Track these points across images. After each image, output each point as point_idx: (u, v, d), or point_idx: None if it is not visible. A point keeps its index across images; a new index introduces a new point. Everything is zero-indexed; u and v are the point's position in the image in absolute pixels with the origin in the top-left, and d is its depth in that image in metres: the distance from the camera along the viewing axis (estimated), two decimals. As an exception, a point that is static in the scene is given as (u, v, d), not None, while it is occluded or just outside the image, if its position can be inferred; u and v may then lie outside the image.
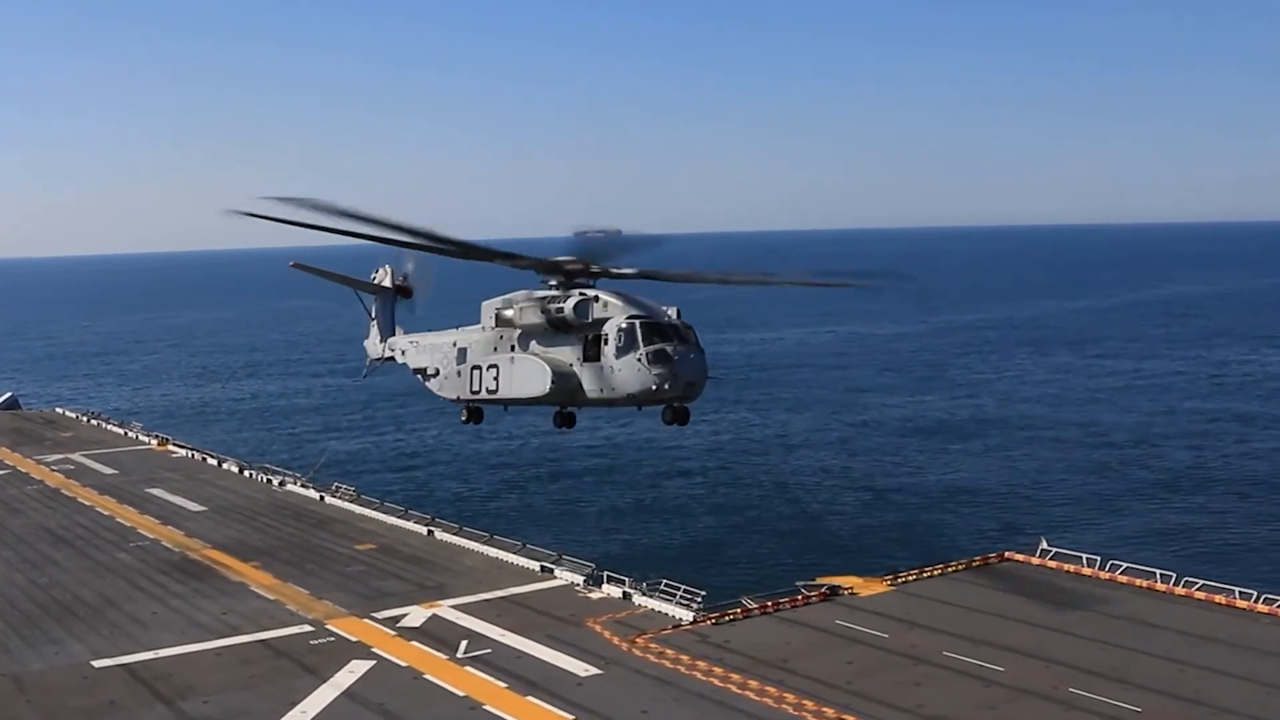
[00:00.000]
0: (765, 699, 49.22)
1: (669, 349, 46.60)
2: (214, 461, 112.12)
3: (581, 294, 49.90)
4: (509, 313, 53.14)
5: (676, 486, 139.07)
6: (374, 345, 68.00)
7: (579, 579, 67.75)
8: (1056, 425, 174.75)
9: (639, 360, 46.51)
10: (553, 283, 52.38)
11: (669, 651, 55.27)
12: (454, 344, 58.55)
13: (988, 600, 63.57)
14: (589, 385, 49.34)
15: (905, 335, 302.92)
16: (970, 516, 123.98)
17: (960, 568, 70.11)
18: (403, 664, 54.62)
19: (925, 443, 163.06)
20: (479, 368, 55.00)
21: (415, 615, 62.11)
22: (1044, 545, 71.63)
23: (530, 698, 49.99)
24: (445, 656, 55.51)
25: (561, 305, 49.70)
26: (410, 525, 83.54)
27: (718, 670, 52.65)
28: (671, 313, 49.81)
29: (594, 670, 53.19)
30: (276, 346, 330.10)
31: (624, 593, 64.62)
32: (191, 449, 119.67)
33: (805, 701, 48.68)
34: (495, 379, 53.80)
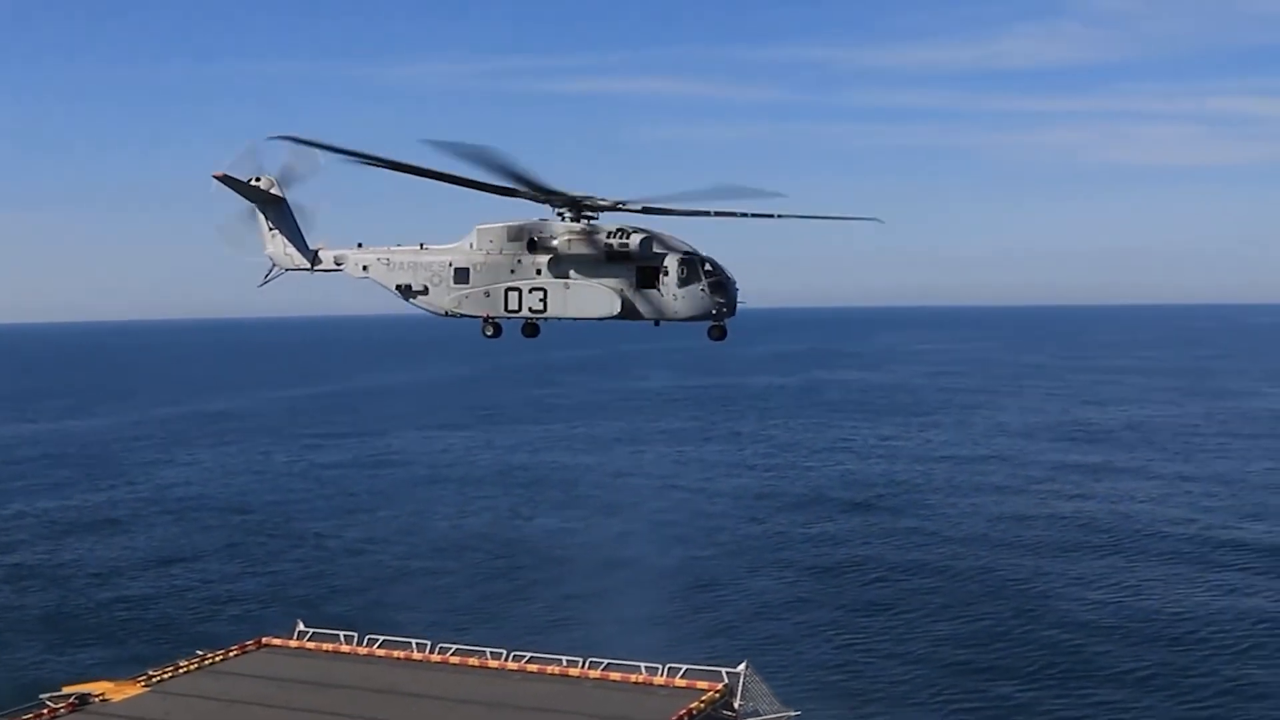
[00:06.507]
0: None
1: (722, 280, 55.63)
2: None
3: (644, 232, 56.49)
4: (555, 242, 57.53)
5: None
6: (285, 255, 65.44)
7: None
8: (287, 511, 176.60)
9: (701, 290, 55.25)
10: (563, 214, 57.28)
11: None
12: (449, 263, 60.91)
13: (248, 689, 62.46)
14: (644, 308, 56.84)
15: (85, 431, 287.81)
16: (224, 603, 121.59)
17: (218, 659, 68.25)
18: None
19: (154, 534, 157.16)
20: (517, 290, 59.51)
21: None
22: (301, 627, 71.83)
23: None
24: None
25: (625, 241, 56.14)
26: None
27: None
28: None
29: None
30: None
31: None
32: None
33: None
34: (543, 300, 58.81)
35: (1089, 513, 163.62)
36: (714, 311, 56.27)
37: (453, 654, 66.36)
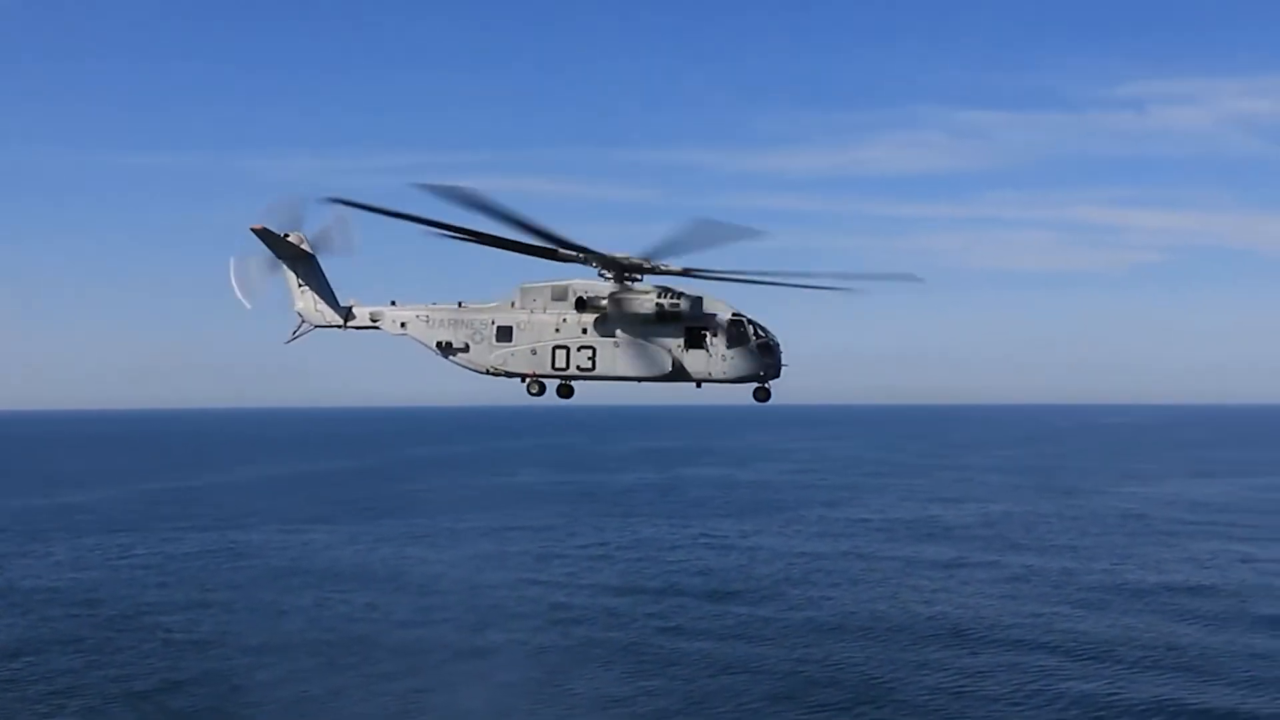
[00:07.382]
0: None
1: (770, 342, 57.08)
2: None
3: (694, 293, 57.59)
4: (604, 301, 58.37)
5: None
6: (316, 311, 64.53)
7: None
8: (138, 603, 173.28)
9: (750, 352, 56.65)
10: (608, 275, 58.14)
11: None
12: (491, 321, 61.16)
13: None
14: (692, 368, 57.67)
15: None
16: (68, 698, 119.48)
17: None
18: None
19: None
20: (565, 348, 59.60)
21: None
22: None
23: None
24: None
25: (676, 301, 57.26)
26: None
27: None
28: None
29: None
30: None
31: None
32: None
33: None
34: (591, 359, 59.27)
35: (938, 605, 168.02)
36: (761, 373, 57.55)
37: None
